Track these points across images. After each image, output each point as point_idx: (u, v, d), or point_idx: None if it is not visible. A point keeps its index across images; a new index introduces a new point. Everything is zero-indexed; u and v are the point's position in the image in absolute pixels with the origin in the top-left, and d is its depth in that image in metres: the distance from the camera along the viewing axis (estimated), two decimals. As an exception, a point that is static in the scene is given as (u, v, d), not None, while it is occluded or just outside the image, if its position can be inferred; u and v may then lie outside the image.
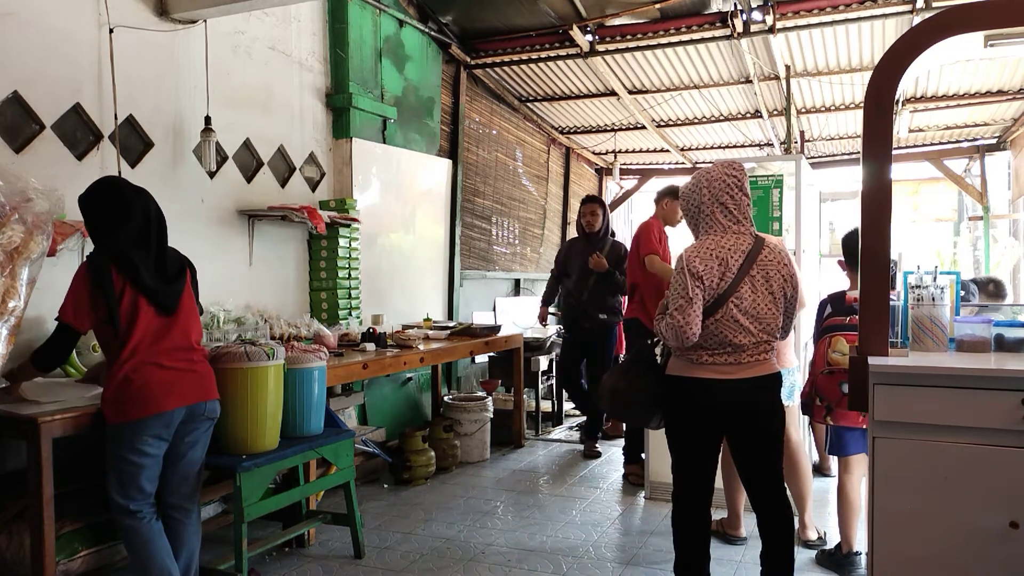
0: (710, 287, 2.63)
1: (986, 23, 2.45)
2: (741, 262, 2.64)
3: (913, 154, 8.56)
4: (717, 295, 2.63)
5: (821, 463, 4.91)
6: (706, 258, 2.64)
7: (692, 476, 2.81)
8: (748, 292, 2.64)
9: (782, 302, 2.71)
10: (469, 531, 3.92)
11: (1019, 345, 2.55)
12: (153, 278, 2.64)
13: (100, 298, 2.56)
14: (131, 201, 2.69)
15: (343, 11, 5.02)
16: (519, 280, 7.92)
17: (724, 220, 2.71)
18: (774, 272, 2.68)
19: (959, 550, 2.22)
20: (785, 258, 2.74)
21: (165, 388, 2.61)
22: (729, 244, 2.67)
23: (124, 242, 2.64)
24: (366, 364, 4.04)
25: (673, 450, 2.85)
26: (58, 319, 2.59)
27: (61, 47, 3.38)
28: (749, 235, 2.72)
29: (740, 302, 2.63)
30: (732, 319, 2.63)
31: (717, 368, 2.67)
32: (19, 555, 2.70)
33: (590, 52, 6.12)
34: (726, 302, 2.63)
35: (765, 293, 2.66)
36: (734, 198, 2.71)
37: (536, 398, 6.28)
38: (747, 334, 2.65)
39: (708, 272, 2.62)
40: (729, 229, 2.70)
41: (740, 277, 2.63)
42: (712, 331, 2.64)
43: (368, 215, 5.11)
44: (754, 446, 2.78)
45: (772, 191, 4.17)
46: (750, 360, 2.68)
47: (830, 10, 5.29)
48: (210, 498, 3.37)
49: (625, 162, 9.70)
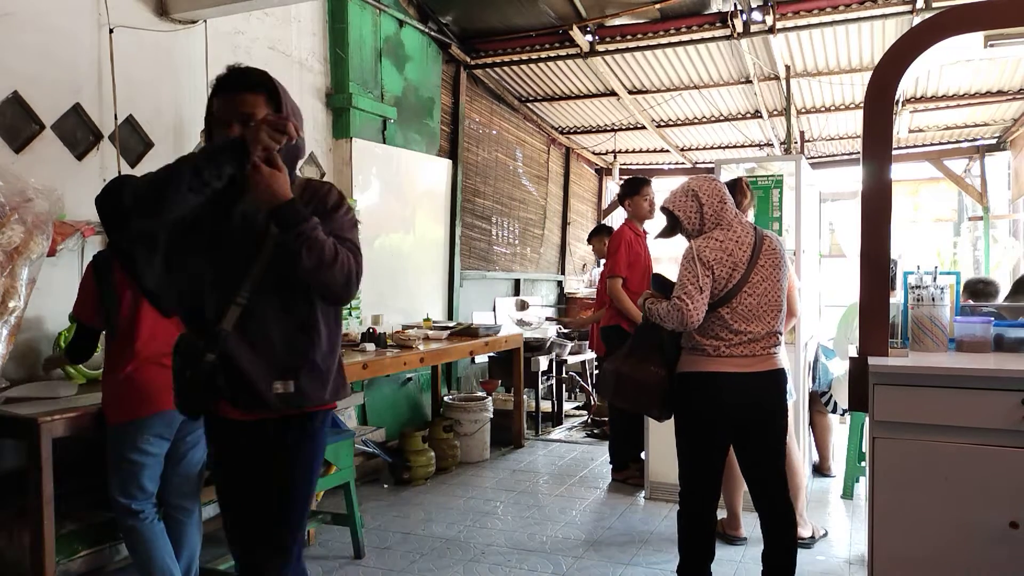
0: (720, 277, 2.70)
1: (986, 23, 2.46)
2: (749, 254, 2.73)
3: (913, 154, 8.56)
4: (731, 285, 2.69)
5: (821, 463, 4.91)
6: (716, 249, 2.72)
7: (703, 479, 2.80)
8: (759, 281, 2.73)
9: (783, 291, 2.81)
10: (469, 531, 3.92)
11: (1019, 345, 2.55)
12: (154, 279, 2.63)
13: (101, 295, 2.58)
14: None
15: (343, 11, 5.02)
16: (519, 280, 7.92)
17: (726, 216, 2.79)
18: (778, 261, 2.79)
19: (959, 550, 2.22)
20: (781, 248, 2.85)
21: (165, 387, 2.60)
22: (735, 237, 2.75)
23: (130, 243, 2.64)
24: (366, 364, 4.04)
25: (684, 452, 2.82)
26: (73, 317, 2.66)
27: (61, 47, 3.38)
28: (750, 228, 2.81)
29: (752, 291, 2.71)
30: (746, 308, 2.70)
31: (735, 361, 2.69)
32: (19, 555, 2.70)
33: (590, 52, 6.12)
34: (739, 292, 2.70)
35: (773, 282, 2.76)
36: (724, 201, 2.81)
37: (536, 398, 6.28)
38: (760, 323, 2.72)
39: (719, 262, 2.70)
40: (732, 225, 2.78)
41: (751, 267, 2.72)
42: (727, 320, 2.69)
43: (368, 215, 5.11)
44: (761, 443, 2.78)
45: (772, 191, 4.16)
46: (763, 353, 2.73)
47: (830, 10, 5.29)
48: (210, 498, 3.36)
49: (625, 162, 9.70)
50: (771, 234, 2.86)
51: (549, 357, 6.39)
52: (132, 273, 2.60)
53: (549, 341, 6.35)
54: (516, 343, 5.81)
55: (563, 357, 6.61)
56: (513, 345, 5.77)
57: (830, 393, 4.68)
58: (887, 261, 2.51)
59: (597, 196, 10.32)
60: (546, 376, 6.46)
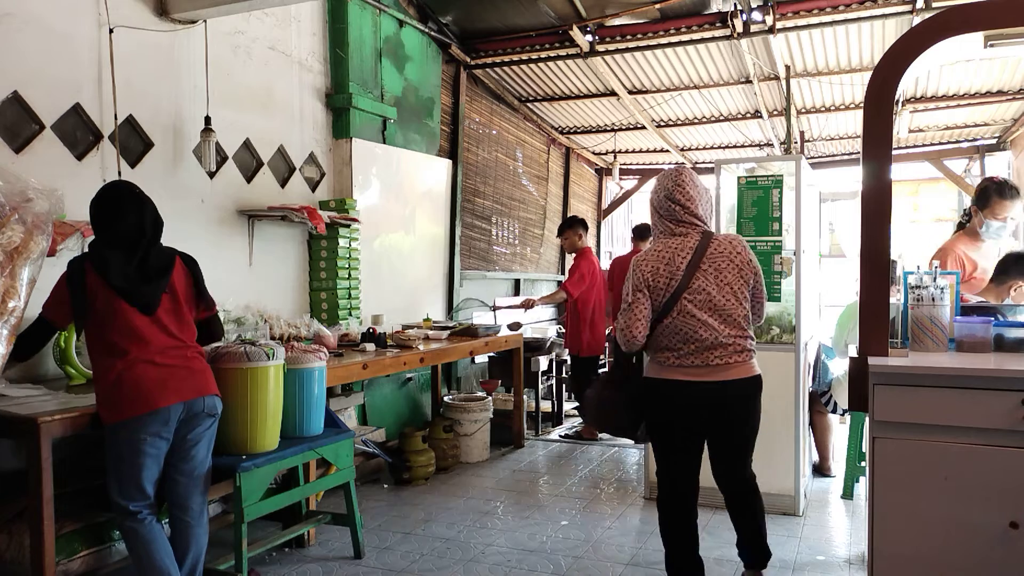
0: (657, 287, 2.73)
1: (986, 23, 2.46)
2: (689, 258, 2.73)
3: (913, 154, 8.56)
4: (670, 294, 2.71)
5: (821, 463, 4.91)
6: (651, 260, 2.77)
7: (675, 476, 2.87)
8: (701, 286, 2.71)
9: (744, 290, 2.77)
10: (469, 531, 3.92)
11: (1019, 345, 2.55)
12: (126, 278, 2.63)
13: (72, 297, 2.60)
14: (122, 206, 2.70)
15: (343, 11, 5.02)
16: (519, 280, 7.92)
17: (669, 225, 2.83)
18: (725, 263, 2.75)
19: (959, 550, 2.22)
20: (737, 247, 2.80)
21: (159, 385, 2.60)
22: (675, 245, 2.78)
23: (107, 244, 2.66)
24: (366, 364, 4.04)
25: (657, 452, 2.92)
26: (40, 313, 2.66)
27: (61, 47, 3.38)
28: (696, 234, 2.80)
29: (694, 296, 2.71)
30: (689, 314, 2.70)
31: (686, 371, 2.72)
32: (19, 555, 2.70)
33: (590, 52, 6.12)
34: (679, 299, 2.71)
35: (720, 285, 2.73)
36: (667, 209, 2.83)
37: (536, 398, 6.28)
38: (708, 328, 2.69)
39: (654, 273, 2.73)
40: (675, 232, 2.81)
41: (690, 272, 2.71)
42: (672, 329, 2.72)
43: (368, 215, 5.11)
44: (726, 448, 2.89)
45: (772, 191, 4.16)
46: (720, 363, 2.71)
47: (830, 10, 5.29)
48: (210, 498, 3.36)
49: (625, 162, 9.70)
50: (726, 236, 2.85)
51: (549, 357, 6.39)
52: (102, 271, 2.60)
53: (549, 341, 6.35)
54: (516, 343, 5.81)
55: (563, 357, 6.61)
56: (513, 345, 5.77)
57: (830, 393, 4.68)
58: (887, 261, 2.51)
59: (597, 196, 10.32)
60: (546, 376, 6.46)
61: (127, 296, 2.62)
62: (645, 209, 11.55)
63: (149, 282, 2.68)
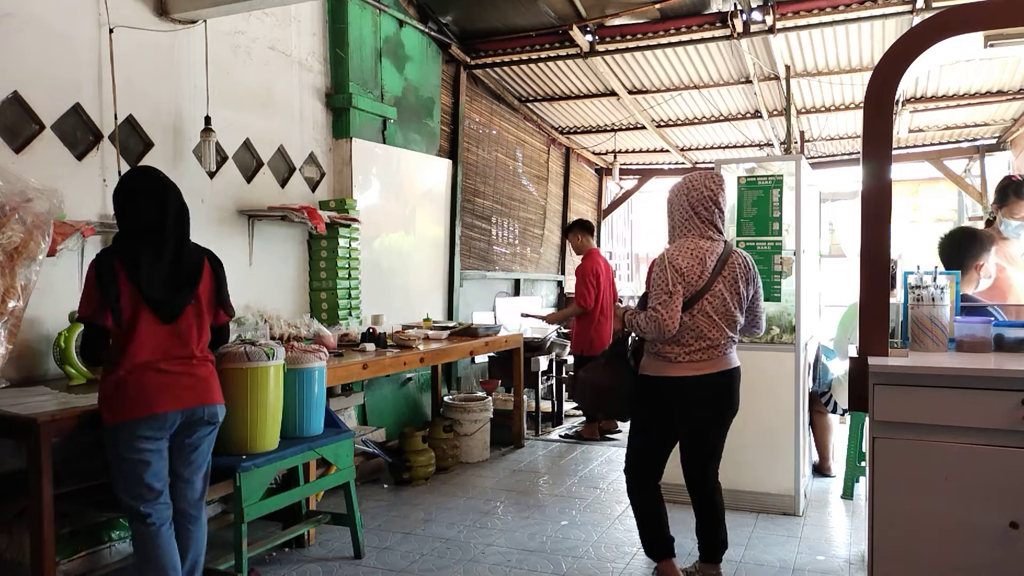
0: (690, 283, 2.86)
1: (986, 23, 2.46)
2: (715, 263, 2.90)
3: (913, 154, 8.56)
4: (695, 292, 2.87)
5: (821, 463, 4.91)
6: (687, 256, 2.89)
7: (650, 464, 3.10)
8: (720, 291, 2.91)
9: (744, 303, 3.01)
10: (469, 531, 3.92)
11: (1019, 345, 2.55)
12: (160, 287, 2.59)
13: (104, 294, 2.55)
14: (145, 193, 2.63)
15: (343, 11, 5.02)
16: (519, 280, 7.92)
17: (701, 226, 2.96)
18: (740, 275, 2.96)
19: (959, 550, 2.22)
20: (750, 263, 3.04)
21: (159, 390, 2.58)
22: (706, 248, 2.93)
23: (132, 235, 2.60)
24: (366, 364, 4.04)
25: (637, 441, 3.08)
26: (78, 319, 2.60)
27: (61, 47, 3.38)
28: (721, 242, 2.99)
29: (713, 299, 2.90)
30: (706, 314, 2.89)
31: (692, 365, 2.90)
32: (19, 555, 2.70)
33: (590, 52, 6.12)
34: (701, 298, 2.88)
35: (732, 293, 2.94)
36: (708, 210, 2.96)
37: (536, 398, 6.28)
38: (717, 329, 2.91)
39: (689, 269, 2.87)
40: (705, 234, 2.95)
41: (715, 277, 2.90)
42: (688, 326, 2.88)
43: (368, 215, 5.11)
44: (710, 434, 3.07)
45: (772, 191, 4.16)
46: (717, 355, 2.93)
47: (830, 10, 5.29)
48: (210, 498, 3.36)
49: (625, 162, 9.70)
50: (742, 252, 3.04)
51: (549, 357, 6.39)
52: (136, 280, 2.56)
53: (549, 341, 6.35)
54: (516, 343, 5.81)
55: (563, 357, 6.61)
56: (513, 345, 5.77)
57: (830, 393, 4.68)
58: (887, 261, 2.51)
59: (597, 196, 10.32)
60: (546, 376, 6.46)
61: (156, 307, 2.58)
62: (645, 209, 11.57)
63: (179, 291, 2.64)
